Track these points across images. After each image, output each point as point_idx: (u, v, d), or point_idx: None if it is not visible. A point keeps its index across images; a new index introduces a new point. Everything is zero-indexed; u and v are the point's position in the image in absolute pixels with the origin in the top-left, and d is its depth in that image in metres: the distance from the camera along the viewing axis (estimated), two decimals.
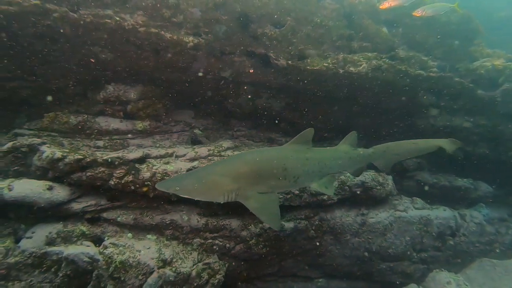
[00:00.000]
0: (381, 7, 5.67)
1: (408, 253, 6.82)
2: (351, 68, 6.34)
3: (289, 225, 6.15)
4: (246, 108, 7.09)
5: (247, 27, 6.10)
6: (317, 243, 6.39)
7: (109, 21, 5.56)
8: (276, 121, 7.32)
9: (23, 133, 6.14)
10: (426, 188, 7.86)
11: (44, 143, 5.75)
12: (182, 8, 5.82)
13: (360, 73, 6.35)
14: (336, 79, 6.47)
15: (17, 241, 5.34)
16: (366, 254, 6.65)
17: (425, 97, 7.11)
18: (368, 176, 6.66)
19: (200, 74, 6.27)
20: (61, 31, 5.63)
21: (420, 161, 8.06)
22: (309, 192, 6.15)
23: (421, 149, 5.33)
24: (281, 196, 6.02)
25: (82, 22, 5.55)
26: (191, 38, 5.80)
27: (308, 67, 6.21)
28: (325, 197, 6.27)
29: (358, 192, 6.53)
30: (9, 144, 5.70)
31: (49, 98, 6.44)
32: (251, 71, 6.40)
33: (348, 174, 6.53)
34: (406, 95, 6.94)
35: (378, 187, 6.65)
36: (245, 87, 6.81)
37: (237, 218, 6.02)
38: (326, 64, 6.26)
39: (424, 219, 6.95)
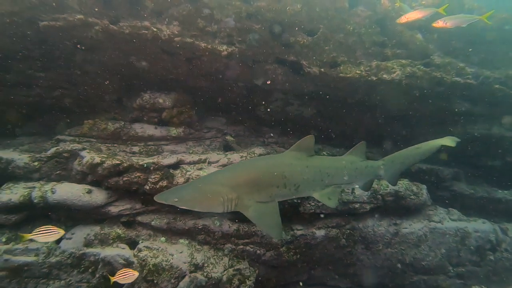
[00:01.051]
0: (398, 21, 5.60)
1: (444, 266, 6.58)
2: (385, 76, 6.25)
3: (320, 233, 6.11)
4: (277, 116, 7.14)
5: (279, 35, 6.16)
6: (348, 252, 6.29)
7: (146, 32, 5.77)
8: (307, 128, 7.31)
9: (64, 139, 6.44)
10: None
11: (84, 149, 6.02)
12: (216, 18, 5.96)
13: (394, 80, 6.24)
14: (369, 86, 6.40)
15: (58, 241, 5.59)
16: (398, 265, 6.48)
17: (461, 104, 6.89)
18: (401, 185, 6.51)
19: (233, 82, 6.39)
20: (101, 42, 5.91)
21: (457, 171, 7.78)
22: (341, 200, 6.09)
23: (425, 152, 5.05)
24: (313, 204, 6.00)
25: (121, 34, 5.81)
26: (225, 47, 5.92)
27: (340, 75, 6.19)
28: (357, 206, 6.20)
29: (391, 202, 6.39)
30: (53, 150, 6.02)
31: (88, 106, 6.78)
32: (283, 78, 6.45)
33: (381, 182, 6.42)
34: (441, 102, 6.75)
35: (412, 197, 6.48)
36: (276, 95, 6.87)
37: None
38: (359, 72, 6.21)
39: (461, 231, 6.69)
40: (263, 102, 7.03)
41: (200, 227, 5.83)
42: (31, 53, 6.12)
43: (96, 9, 5.80)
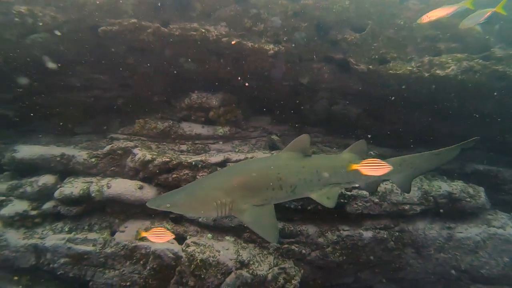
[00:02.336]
0: (419, 21, 5.29)
1: (509, 277, 6.09)
2: (438, 71, 5.93)
3: (367, 234, 5.94)
4: (322, 114, 7.05)
5: (326, 33, 6.09)
6: (397, 256, 6.06)
7: (194, 33, 5.95)
8: (353, 128, 7.15)
9: (118, 138, 6.83)
10: None
11: (136, 147, 6.33)
12: (262, 17, 6.01)
13: (448, 76, 5.90)
14: (420, 83, 6.10)
15: (113, 233, 5.95)
16: (453, 272, 6.11)
17: None
18: (456, 186, 6.15)
19: (278, 80, 6.40)
20: (152, 45, 6.18)
21: None
22: (390, 201, 5.88)
23: (443, 159, 4.65)
24: (360, 204, 5.85)
25: (171, 36, 6.04)
26: (271, 46, 5.96)
27: (390, 71, 5.98)
28: (406, 207, 5.94)
29: (444, 204, 6.06)
30: (108, 147, 6.40)
31: (139, 106, 7.11)
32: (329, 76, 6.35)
33: (433, 183, 6.12)
34: (503, 98, 6.26)
35: (468, 199, 6.10)
36: (322, 93, 6.78)
37: (314, 224, 5.99)
38: (410, 68, 5.95)
39: None
40: (308, 101, 6.96)
41: (245, 225, 5.88)
42: (90, 57, 6.54)
43: (149, 13, 6.08)
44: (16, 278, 5.86)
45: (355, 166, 3.86)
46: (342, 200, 5.89)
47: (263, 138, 6.96)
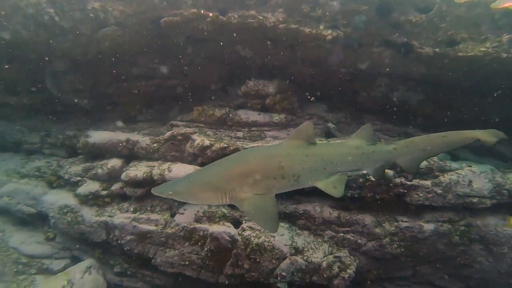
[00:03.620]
0: (494, 6, 4.79)
1: None
2: None
3: (428, 226, 5.65)
4: (380, 102, 6.78)
5: (387, 15, 5.80)
6: (462, 252, 5.70)
7: (252, 20, 5.99)
8: (413, 115, 6.79)
9: (177, 124, 7.13)
10: None
11: (194, 133, 6.58)
12: (321, 2, 5.88)
13: None
14: (495, 65, 5.58)
15: (173, 215, 6.25)
16: None
17: None
18: None
19: (336, 67, 6.25)
20: (211, 34, 6.33)
21: None
22: (455, 193, 5.53)
23: (452, 142, 4.40)
24: (421, 195, 5.58)
25: (229, 24, 6.13)
26: (329, 31, 5.82)
27: (459, 54, 5.55)
28: (474, 200, 5.54)
29: None
30: (169, 133, 6.72)
31: (197, 94, 7.37)
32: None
33: (508, 175, 5.63)
34: None
35: None
36: (381, 80, 6.51)
37: (371, 214, 5.84)
38: (484, 49, 5.44)
39: None
40: (366, 88, 6.73)
41: (300, 212, 5.91)
42: (151, 48, 6.87)
43: (208, 3, 6.23)
44: None
45: None
46: (401, 190, 5.66)
47: (319, 125, 6.87)
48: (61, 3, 6.12)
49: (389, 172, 5.56)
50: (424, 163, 5.65)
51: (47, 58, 7.00)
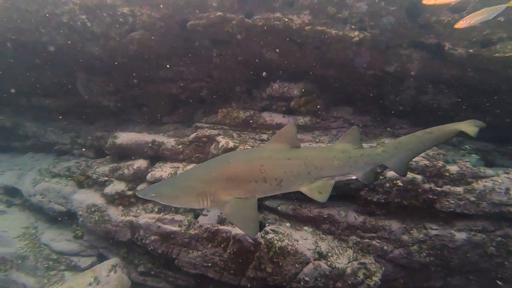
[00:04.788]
0: (456, 26, 4.84)
1: None
2: None
3: (460, 235, 5.39)
4: (408, 105, 6.58)
5: (417, 16, 5.64)
6: (498, 264, 5.39)
7: (277, 23, 5.99)
8: (445, 120, 6.51)
9: (202, 126, 7.21)
10: None
11: (219, 135, 6.62)
12: (347, 3, 5.80)
13: None
14: None
15: (196, 216, 6.28)
16: None
17: None
18: None
19: (362, 69, 6.13)
20: (236, 36, 6.37)
21: None
22: (490, 200, 5.26)
23: (438, 137, 4.26)
24: (452, 202, 5.35)
25: (254, 27, 6.16)
26: (356, 33, 5.72)
27: (496, 55, 5.30)
28: None
29: None
30: (193, 135, 6.80)
31: (221, 96, 7.42)
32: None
33: None
34: None
35: None
36: (410, 82, 6.32)
37: (398, 220, 5.64)
38: None
39: None
40: (393, 91, 6.55)
41: (325, 216, 5.80)
42: (178, 51, 7.00)
43: (233, 5, 6.28)
44: None
45: None
46: (431, 196, 5.44)
47: (344, 128, 6.74)
48: (93, 9, 6.35)
49: (418, 177, 5.37)
50: (455, 169, 5.44)
51: (78, 62, 7.28)
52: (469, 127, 4.16)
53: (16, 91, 8.11)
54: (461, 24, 4.85)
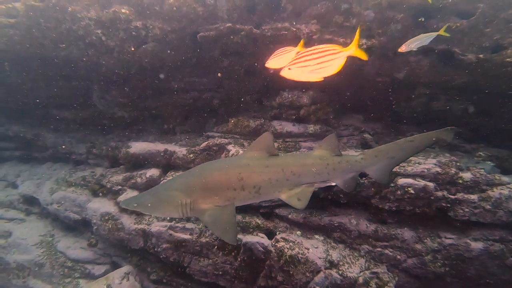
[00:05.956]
0: (399, 50, 5.08)
1: None
2: None
3: (476, 245, 5.23)
4: (419, 112, 6.50)
5: (425, 22, 5.62)
6: None
7: (286, 32, 6.08)
8: (457, 126, 6.41)
9: (213, 135, 7.30)
10: None
11: (229, 144, 6.70)
12: (354, 11, 5.85)
13: None
14: None
15: None
16: None
17: None
18: None
19: (371, 77, 6.13)
20: (245, 47, 6.48)
21: None
22: (507, 209, 5.11)
23: (418, 145, 4.34)
24: (467, 210, 5.22)
25: (263, 37, 6.27)
26: (364, 41, 5.74)
27: (507, 60, 5.22)
28: None
29: None
30: (204, 144, 6.89)
31: (232, 106, 7.53)
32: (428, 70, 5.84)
33: None
34: None
35: None
36: (419, 89, 6.27)
37: (410, 228, 5.54)
38: None
39: None
40: (404, 98, 6.50)
41: (336, 224, 5.75)
42: (189, 62, 7.17)
43: (242, 17, 6.41)
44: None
45: None
46: (444, 204, 5.33)
47: (354, 136, 6.71)
48: (107, 23, 6.59)
49: (430, 184, 5.28)
50: (469, 176, 5.32)
51: (94, 75, 7.54)
52: (446, 134, 4.35)
53: (36, 103, 8.44)
54: (403, 49, 5.08)
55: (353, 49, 3.40)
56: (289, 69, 3.53)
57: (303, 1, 6.13)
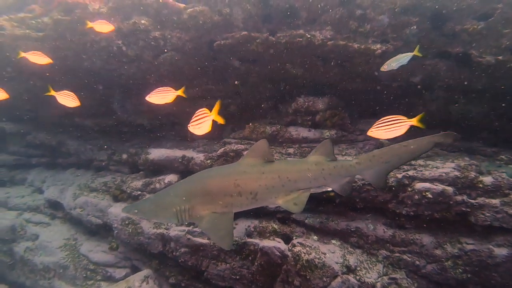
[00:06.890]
0: (382, 69, 5.23)
1: None
2: None
3: (500, 251, 5.07)
4: (437, 116, 6.42)
5: (441, 25, 5.60)
6: None
7: (300, 39, 6.16)
8: (476, 130, 6.32)
9: (230, 141, 7.41)
10: None
11: (246, 149, 6.78)
12: (369, 17, 5.88)
13: None
14: None
15: None
16: None
17: None
18: None
19: (387, 81, 6.11)
20: (261, 54, 6.60)
21: None
22: None
23: (415, 151, 4.29)
24: (488, 215, 5.10)
25: (278, 44, 6.37)
26: (378, 46, 5.77)
27: None
28: None
29: None
30: (221, 150, 7.01)
31: (248, 112, 7.63)
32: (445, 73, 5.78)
33: None
34: None
35: None
36: (437, 93, 6.21)
37: (429, 233, 5.43)
38: None
39: None
40: (421, 102, 6.44)
41: (353, 229, 5.72)
42: (207, 70, 7.34)
43: (257, 25, 6.54)
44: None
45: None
46: (464, 209, 5.23)
47: (370, 141, 6.69)
48: (127, 34, 6.86)
49: (449, 188, 5.19)
50: (489, 180, 5.21)
51: (115, 84, 7.82)
52: (445, 138, 4.27)
53: (61, 112, 8.79)
54: (385, 68, 5.22)
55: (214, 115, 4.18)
56: None
57: (317, 8, 6.20)
